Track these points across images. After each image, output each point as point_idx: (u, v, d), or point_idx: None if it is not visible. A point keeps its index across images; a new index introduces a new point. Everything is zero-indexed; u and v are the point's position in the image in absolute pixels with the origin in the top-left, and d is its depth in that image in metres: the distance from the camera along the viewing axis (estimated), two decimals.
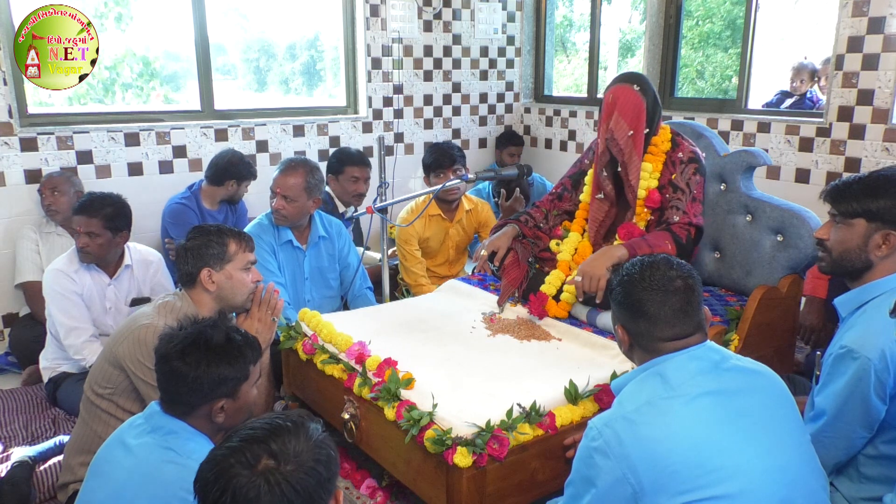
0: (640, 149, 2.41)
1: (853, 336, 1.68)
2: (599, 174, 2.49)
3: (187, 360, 1.54)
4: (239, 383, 1.60)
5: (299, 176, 2.87)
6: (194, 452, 1.49)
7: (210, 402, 1.56)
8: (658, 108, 2.45)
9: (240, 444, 1.14)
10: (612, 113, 2.40)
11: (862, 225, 1.75)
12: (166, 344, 1.59)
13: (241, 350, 1.61)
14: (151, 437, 1.54)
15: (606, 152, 2.45)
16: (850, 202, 1.76)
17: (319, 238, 3.06)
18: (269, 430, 1.16)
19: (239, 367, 1.59)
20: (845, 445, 1.70)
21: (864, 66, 3.30)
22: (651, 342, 1.49)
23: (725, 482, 1.31)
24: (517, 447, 1.79)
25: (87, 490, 1.58)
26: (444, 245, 3.63)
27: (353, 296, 3.15)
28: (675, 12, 4.27)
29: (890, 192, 1.72)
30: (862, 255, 1.75)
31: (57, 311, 2.76)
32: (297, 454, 1.13)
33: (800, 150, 3.60)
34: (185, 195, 3.67)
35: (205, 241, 2.11)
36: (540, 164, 4.99)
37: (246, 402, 1.64)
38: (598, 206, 2.53)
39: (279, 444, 1.13)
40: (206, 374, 1.54)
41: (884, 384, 1.61)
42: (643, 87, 2.41)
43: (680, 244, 2.33)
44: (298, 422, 1.19)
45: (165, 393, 1.58)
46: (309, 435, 1.17)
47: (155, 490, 1.45)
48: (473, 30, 4.90)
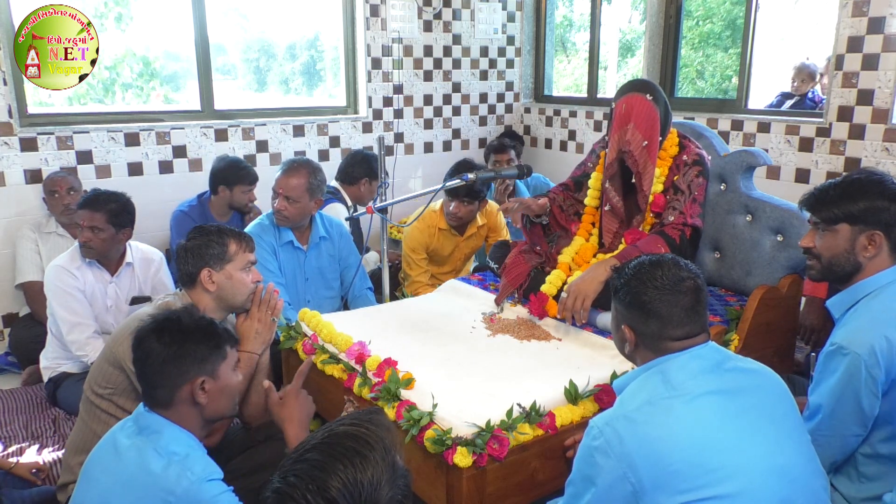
0: (654, 158, 2.39)
1: (843, 333, 1.70)
2: (604, 185, 2.47)
3: (163, 339, 1.57)
4: (217, 361, 1.62)
5: (302, 177, 2.87)
6: (176, 454, 1.50)
7: (190, 381, 1.57)
8: (669, 115, 2.43)
9: (303, 481, 1.02)
10: (627, 124, 2.35)
11: (846, 229, 1.76)
12: (140, 330, 1.62)
13: (215, 328, 1.64)
14: (137, 439, 1.54)
15: (614, 164, 2.41)
16: (830, 209, 1.77)
17: (320, 239, 3.06)
18: (334, 460, 1.03)
19: (214, 343, 1.62)
20: (840, 443, 1.70)
21: (864, 66, 3.30)
22: (660, 342, 1.48)
23: (726, 482, 1.31)
24: (517, 447, 1.79)
25: (77, 494, 1.59)
26: (453, 256, 3.60)
27: (354, 296, 3.15)
28: (675, 12, 4.27)
29: (867, 193, 1.74)
30: (851, 258, 1.76)
31: (59, 307, 2.76)
32: (369, 500, 1.01)
33: (800, 150, 3.60)
34: (191, 202, 3.67)
35: (205, 242, 2.11)
36: (540, 164, 4.99)
37: (228, 384, 1.65)
38: (610, 217, 2.53)
39: (343, 486, 1.00)
40: (183, 350, 1.57)
41: (875, 380, 1.62)
42: (655, 95, 2.37)
43: (672, 245, 2.32)
44: (364, 450, 1.05)
45: (145, 381, 1.59)
46: (379, 464, 1.04)
47: (138, 491, 1.46)
48: (473, 30, 4.90)
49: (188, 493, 1.44)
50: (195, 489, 1.45)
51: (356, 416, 1.14)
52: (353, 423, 1.11)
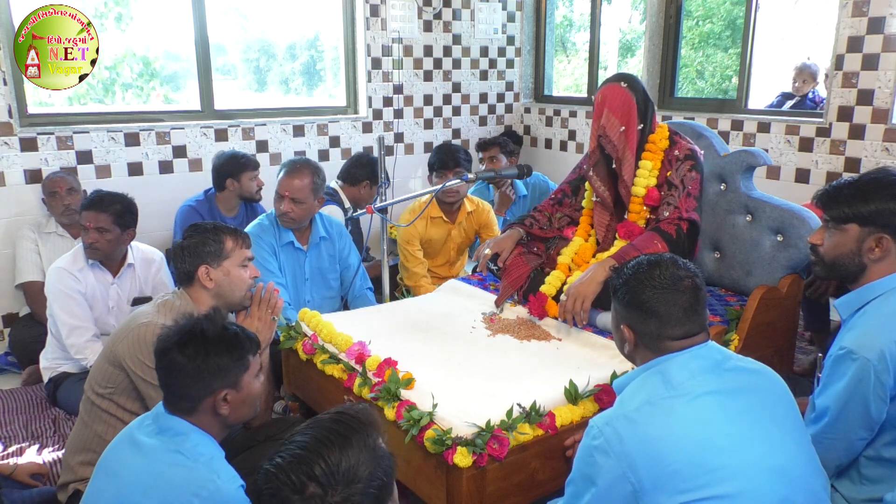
0: (633, 145, 2.43)
1: (852, 337, 1.67)
2: (588, 174, 2.51)
3: (186, 352, 1.55)
4: (240, 373, 1.60)
5: (306, 177, 2.87)
6: (202, 455, 1.49)
7: (213, 394, 1.56)
8: (650, 104, 2.47)
9: (288, 461, 1.12)
10: (602, 112, 2.43)
11: (855, 230, 1.73)
12: (164, 340, 1.59)
13: (239, 339, 1.62)
14: (159, 439, 1.53)
15: (597, 151, 2.47)
16: (841, 207, 1.74)
17: (320, 239, 3.06)
18: (318, 443, 1.13)
19: (237, 355, 1.60)
20: (845, 447, 1.69)
21: (864, 66, 3.30)
22: (659, 342, 1.48)
23: (726, 482, 1.31)
24: (517, 447, 1.79)
25: (93, 489, 1.58)
26: (446, 246, 3.63)
27: (354, 296, 3.15)
28: (675, 12, 4.27)
29: (881, 195, 1.70)
30: (856, 259, 1.74)
31: (59, 309, 2.75)
32: (348, 476, 1.11)
33: (800, 150, 3.60)
34: (198, 198, 3.69)
35: (201, 239, 2.11)
36: (540, 164, 4.99)
37: (250, 393, 1.63)
38: (601, 210, 2.54)
39: (325, 465, 1.10)
40: (206, 364, 1.54)
41: (884, 385, 1.61)
42: (631, 83, 2.44)
43: (670, 240, 2.33)
44: (346, 433, 1.15)
45: (168, 389, 1.58)
46: (361, 446, 1.14)
47: (163, 492, 1.45)
48: (473, 30, 4.90)
49: (213, 497, 1.44)
50: (223, 493, 1.45)
51: (342, 407, 1.25)
52: (337, 412, 1.21)
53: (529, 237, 2.71)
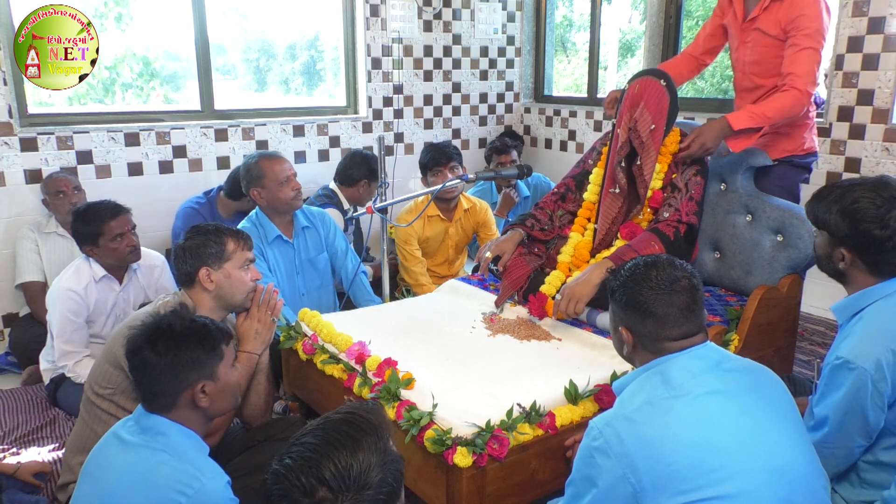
0: (658, 145, 2.42)
1: (849, 346, 1.66)
2: (616, 166, 2.48)
3: (157, 349, 1.55)
4: (215, 363, 1.61)
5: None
6: (186, 454, 1.50)
7: (191, 387, 1.56)
8: (676, 110, 2.46)
9: (298, 463, 1.11)
10: (638, 104, 2.39)
11: (825, 236, 1.74)
12: (133, 340, 1.59)
13: (209, 330, 1.62)
14: (142, 438, 1.53)
15: (627, 144, 2.43)
16: (814, 210, 1.75)
17: (303, 228, 3.12)
18: (328, 444, 1.11)
19: (209, 346, 1.60)
20: (845, 454, 1.69)
21: (864, 66, 3.30)
22: (657, 342, 1.49)
23: (726, 482, 1.31)
24: (517, 447, 1.79)
25: (79, 492, 1.58)
26: (444, 245, 3.63)
27: (348, 279, 3.17)
28: (675, 12, 4.27)
29: (833, 208, 1.67)
30: (830, 264, 1.75)
31: (57, 334, 2.74)
32: (359, 482, 1.09)
33: None
34: (199, 199, 3.69)
35: (202, 241, 2.11)
36: (540, 164, 4.99)
37: (227, 383, 1.64)
38: (612, 201, 2.52)
39: (336, 468, 1.09)
40: (179, 358, 1.55)
41: (881, 394, 1.61)
42: (669, 83, 2.43)
43: (667, 242, 2.32)
44: (357, 435, 1.14)
45: (145, 389, 1.57)
46: (372, 449, 1.12)
47: (147, 491, 1.45)
48: (473, 30, 4.90)
49: (199, 494, 1.44)
50: (208, 490, 1.45)
51: (352, 406, 1.23)
52: (348, 412, 1.19)
53: (530, 238, 2.70)
